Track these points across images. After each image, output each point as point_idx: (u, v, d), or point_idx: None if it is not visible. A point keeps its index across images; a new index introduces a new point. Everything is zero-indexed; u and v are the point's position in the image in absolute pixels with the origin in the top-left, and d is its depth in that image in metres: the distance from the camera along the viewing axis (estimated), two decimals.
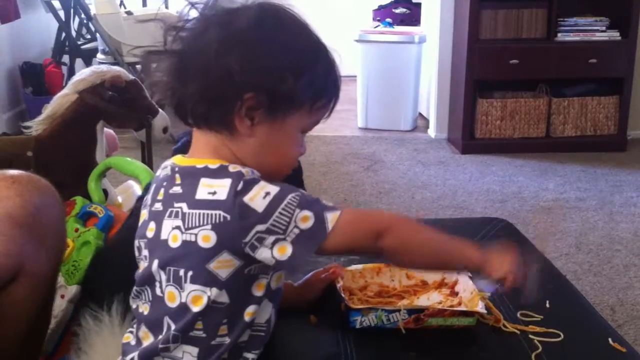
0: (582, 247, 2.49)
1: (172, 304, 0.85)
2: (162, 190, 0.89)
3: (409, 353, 0.99)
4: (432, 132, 4.03)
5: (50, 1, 4.11)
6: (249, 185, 0.82)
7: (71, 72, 4.06)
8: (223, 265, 0.83)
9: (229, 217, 0.82)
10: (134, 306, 0.92)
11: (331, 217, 0.83)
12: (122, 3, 4.22)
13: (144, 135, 2.15)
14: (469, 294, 1.09)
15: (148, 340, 0.88)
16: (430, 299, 1.13)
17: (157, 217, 0.87)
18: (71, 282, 1.27)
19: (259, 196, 0.82)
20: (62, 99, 1.91)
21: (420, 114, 4.31)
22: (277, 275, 0.88)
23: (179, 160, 0.90)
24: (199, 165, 0.86)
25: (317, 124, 0.92)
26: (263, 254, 0.82)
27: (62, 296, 1.25)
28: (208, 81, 0.84)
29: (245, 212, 0.81)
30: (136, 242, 0.92)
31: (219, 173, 0.84)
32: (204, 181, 0.84)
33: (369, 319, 1.03)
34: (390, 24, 4.44)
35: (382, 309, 1.02)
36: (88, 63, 4.02)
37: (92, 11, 3.78)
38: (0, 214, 0.97)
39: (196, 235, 0.83)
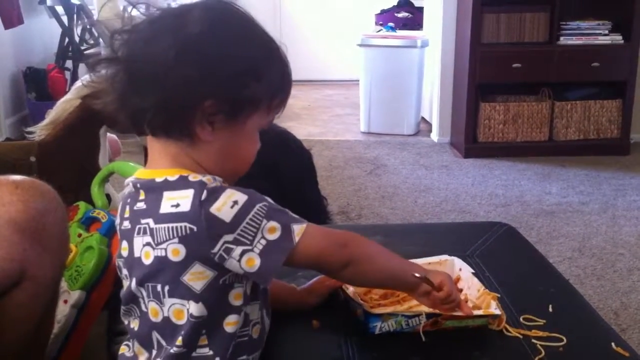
0: (585, 251, 2.49)
1: (156, 318, 0.85)
2: (127, 208, 0.88)
3: (412, 358, 0.99)
4: (434, 136, 4.03)
5: (53, 6, 4.13)
6: (214, 193, 0.81)
7: (74, 77, 4.07)
8: (197, 277, 0.82)
9: (195, 228, 0.80)
10: (125, 322, 0.91)
11: (298, 229, 0.83)
12: (125, 8, 4.23)
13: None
14: (475, 292, 1.08)
15: (142, 356, 0.88)
16: None
17: (127, 236, 0.86)
18: (74, 287, 1.27)
19: (226, 205, 0.80)
20: (65, 104, 1.92)
21: (423, 118, 4.31)
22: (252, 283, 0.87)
23: (139, 173, 0.88)
24: (159, 179, 0.85)
25: (272, 121, 0.91)
26: (232, 265, 0.81)
27: (65, 301, 1.25)
28: (166, 92, 0.81)
29: (212, 222, 0.80)
30: (116, 262, 0.91)
31: (180, 184, 0.83)
32: (167, 194, 0.83)
33: (389, 324, 1.02)
34: (393, 28, 4.45)
35: (402, 315, 1.02)
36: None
37: (95, 16, 3.79)
38: (3, 219, 0.97)
39: (165, 249, 0.81)
